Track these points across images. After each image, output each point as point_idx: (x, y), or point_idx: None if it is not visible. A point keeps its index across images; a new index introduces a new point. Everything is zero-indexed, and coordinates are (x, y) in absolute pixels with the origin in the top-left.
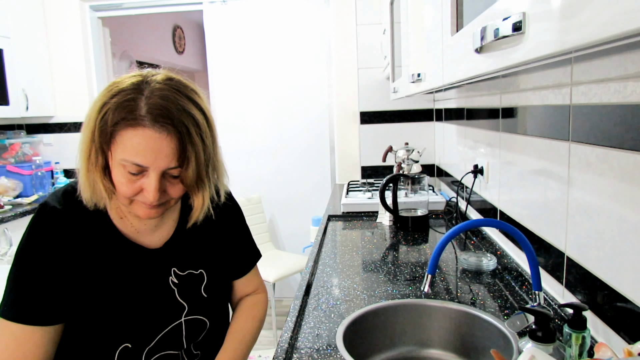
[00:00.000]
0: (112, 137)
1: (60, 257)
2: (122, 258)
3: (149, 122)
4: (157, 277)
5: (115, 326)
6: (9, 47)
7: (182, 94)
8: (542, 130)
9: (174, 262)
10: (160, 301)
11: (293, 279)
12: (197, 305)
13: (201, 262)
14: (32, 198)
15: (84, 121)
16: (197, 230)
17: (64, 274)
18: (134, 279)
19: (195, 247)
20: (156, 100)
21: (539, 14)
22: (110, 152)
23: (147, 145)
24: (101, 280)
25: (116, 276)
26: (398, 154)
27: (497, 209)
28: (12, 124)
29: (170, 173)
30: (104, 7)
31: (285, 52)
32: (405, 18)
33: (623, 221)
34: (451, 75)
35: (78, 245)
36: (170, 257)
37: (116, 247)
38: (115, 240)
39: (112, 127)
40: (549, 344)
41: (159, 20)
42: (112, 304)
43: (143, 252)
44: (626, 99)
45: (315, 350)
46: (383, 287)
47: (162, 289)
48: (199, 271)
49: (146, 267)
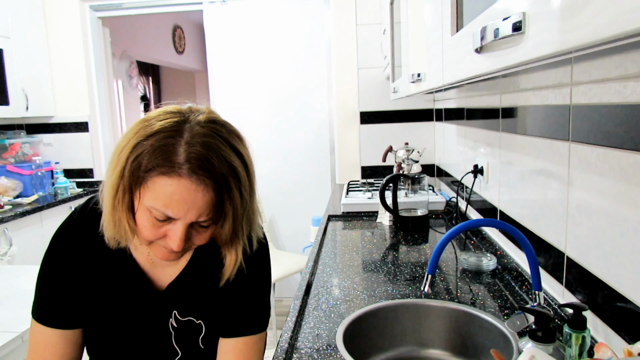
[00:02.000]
0: (144, 181)
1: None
2: (131, 290)
3: (186, 172)
4: (159, 317)
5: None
6: (9, 47)
7: (225, 142)
8: (542, 130)
9: (177, 304)
10: (155, 343)
11: (293, 279)
12: (192, 355)
13: (203, 312)
14: (32, 198)
15: (113, 155)
16: (209, 272)
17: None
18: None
19: (199, 295)
20: (197, 148)
21: (539, 14)
22: (139, 194)
23: (180, 197)
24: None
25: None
26: (398, 154)
27: (497, 209)
28: (12, 124)
29: (200, 223)
30: (104, 7)
31: (285, 52)
32: (405, 18)
33: (623, 221)
34: (451, 75)
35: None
36: (174, 298)
37: (128, 276)
38: (129, 269)
39: (144, 172)
40: (549, 344)
41: (159, 20)
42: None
43: (150, 290)
44: (626, 99)
45: (315, 350)
46: (383, 287)
47: (161, 331)
48: (198, 321)
49: (151, 306)
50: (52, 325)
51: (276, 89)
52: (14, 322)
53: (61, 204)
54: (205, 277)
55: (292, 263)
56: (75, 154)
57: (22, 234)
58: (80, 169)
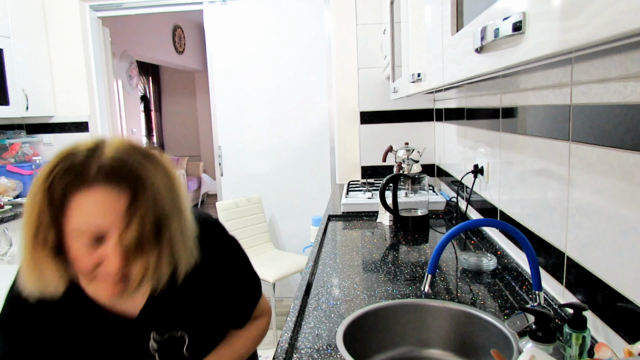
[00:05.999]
0: (64, 205)
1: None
2: (99, 329)
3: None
4: (136, 344)
5: None
6: (9, 47)
7: (138, 153)
8: (542, 130)
9: (152, 326)
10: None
11: (293, 279)
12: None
13: (181, 324)
14: None
15: (28, 197)
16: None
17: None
18: (113, 349)
19: (175, 307)
20: (108, 160)
21: (539, 13)
22: (64, 222)
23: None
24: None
25: (93, 348)
26: (398, 154)
27: (497, 208)
28: (12, 124)
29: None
30: (104, 7)
31: (285, 52)
32: (405, 18)
33: (623, 221)
34: (451, 75)
35: (49, 325)
36: (148, 322)
37: (91, 318)
38: (90, 311)
39: (61, 195)
40: (549, 344)
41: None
42: None
43: (120, 322)
44: (626, 99)
45: (315, 350)
46: (383, 287)
47: (142, 356)
48: (179, 333)
49: (124, 336)
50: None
51: (276, 89)
52: None
53: None
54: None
55: (292, 263)
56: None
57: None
58: None
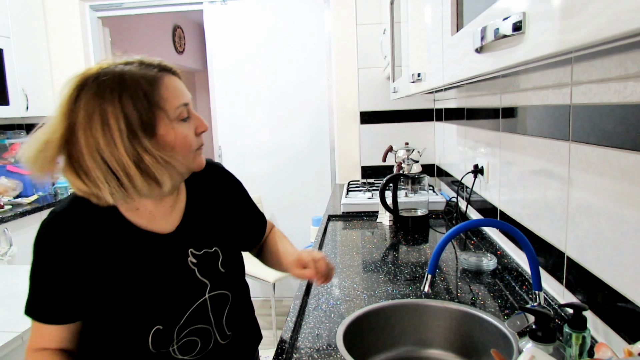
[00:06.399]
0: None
1: (74, 259)
2: (139, 247)
3: (162, 70)
4: (176, 259)
5: (145, 311)
6: (9, 47)
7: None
8: (542, 130)
9: (190, 243)
10: (183, 282)
11: (293, 279)
12: (218, 280)
13: (214, 240)
14: (32, 198)
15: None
16: (206, 210)
17: (80, 275)
18: (154, 265)
19: (207, 226)
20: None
21: (539, 13)
22: (163, 114)
23: (172, 85)
24: (122, 273)
25: (136, 266)
26: (398, 154)
27: (497, 208)
28: (12, 124)
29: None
30: (104, 7)
31: (285, 52)
32: (405, 18)
33: (623, 221)
34: (451, 75)
35: (92, 244)
36: (186, 238)
37: (131, 238)
38: (129, 232)
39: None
40: (549, 344)
41: (159, 20)
42: (138, 291)
43: (159, 238)
44: (626, 99)
45: (315, 350)
46: (383, 287)
47: (183, 270)
48: (213, 249)
49: (164, 252)
50: (47, 321)
51: (276, 89)
52: (14, 322)
53: None
54: (202, 210)
55: None
56: None
57: (22, 234)
58: None
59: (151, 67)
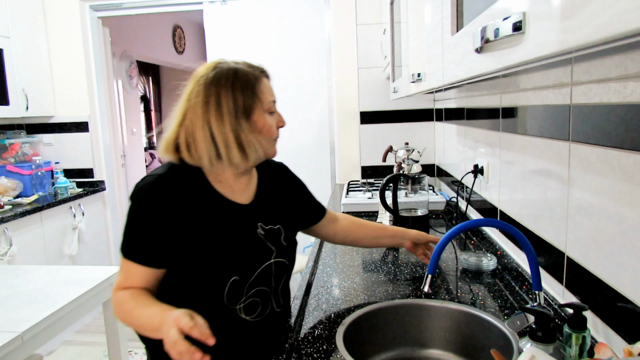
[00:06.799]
0: (256, 92)
1: (169, 214)
2: (221, 211)
3: (261, 73)
4: (249, 227)
5: (225, 263)
6: (9, 47)
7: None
8: (542, 130)
9: (259, 217)
10: (255, 244)
11: (293, 279)
12: (281, 251)
13: (278, 219)
14: (32, 198)
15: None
16: (272, 194)
17: (173, 227)
18: (233, 227)
19: (273, 207)
20: (255, 64)
21: (539, 13)
22: (259, 102)
23: (267, 87)
24: (207, 229)
25: (218, 225)
26: (398, 154)
27: (497, 208)
28: (12, 124)
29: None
30: (104, 7)
31: (285, 52)
32: (405, 18)
33: (623, 221)
34: (451, 75)
35: (184, 203)
36: (256, 213)
37: (215, 203)
38: (214, 198)
39: (253, 88)
40: (549, 344)
41: (159, 20)
42: (219, 246)
43: (237, 207)
44: (626, 99)
45: (315, 350)
46: (383, 287)
47: (255, 238)
48: (277, 226)
49: (240, 219)
50: (142, 263)
51: (276, 89)
52: (14, 322)
53: (61, 204)
54: (270, 193)
55: None
56: (75, 154)
57: (22, 234)
58: (80, 169)
59: (254, 68)
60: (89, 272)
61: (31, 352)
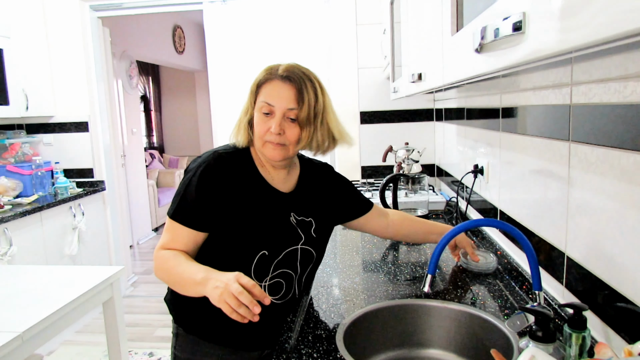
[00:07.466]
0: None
1: (221, 187)
2: (262, 194)
3: (279, 77)
4: (283, 214)
5: (257, 237)
6: (9, 47)
7: (305, 69)
8: (542, 130)
9: (293, 208)
10: (286, 227)
11: None
12: (309, 240)
13: (311, 213)
14: (32, 198)
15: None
16: (311, 190)
17: (221, 199)
18: (270, 209)
19: (308, 202)
20: (287, 66)
21: (539, 13)
22: (255, 102)
23: (274, 91)
24: (248, 205)
25: (258, 205)
26: (398, 154)
27: (497, 208)
28: (12, 124)
29: (289, 115)
30: (104, 7)
31: (285, 52)
32: (405, 18)
33: (623, 221)
34: (451, 75)
35: (235, 180)
36: (292, 203)
37: (259, 185)
38: (259, 181)
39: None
40: (549, 344)
41: (159, 20)
42: (256, 221)
43: (276, 193)
44: (626, 99)
45: (315, 350)
46: (383, 287)
47: (287, 224)
48: (309, 219)
49: (277, 203)
50: (188, 225)
51: None
52: (14, 322)
53: (61, 204)
54: (308, 189)
55: None
56: (75, 154)
57: (22, 234)
58: (80, 168)
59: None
60: (89, 272)
61: (31, 352)
